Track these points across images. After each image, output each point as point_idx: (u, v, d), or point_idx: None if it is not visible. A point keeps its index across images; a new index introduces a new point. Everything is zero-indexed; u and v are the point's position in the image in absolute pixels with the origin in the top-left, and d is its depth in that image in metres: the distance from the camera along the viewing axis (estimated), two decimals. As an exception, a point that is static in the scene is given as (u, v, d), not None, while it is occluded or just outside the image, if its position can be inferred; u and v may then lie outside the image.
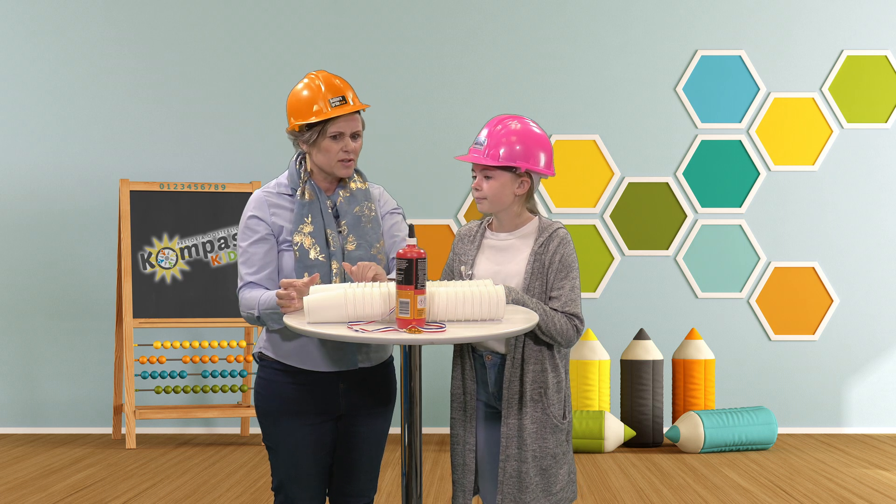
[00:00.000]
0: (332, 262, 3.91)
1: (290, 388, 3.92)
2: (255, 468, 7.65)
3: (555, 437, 3.94)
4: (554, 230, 3.98)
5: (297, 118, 3.91)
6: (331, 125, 3.88)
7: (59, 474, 7.46)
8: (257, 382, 3.99)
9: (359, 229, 3.96)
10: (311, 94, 3.90)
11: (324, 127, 3.88)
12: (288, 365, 3.93)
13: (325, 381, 3.93)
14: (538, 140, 3.98)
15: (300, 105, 3.90)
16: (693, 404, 8.54)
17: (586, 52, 9.22)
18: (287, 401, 3.92)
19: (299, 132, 3.92)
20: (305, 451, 3.93)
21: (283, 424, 3.92)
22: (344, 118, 3.89)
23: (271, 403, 3.94)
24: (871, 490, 6.96)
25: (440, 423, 8.96)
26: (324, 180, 3.98)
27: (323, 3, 9.22)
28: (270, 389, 3.94)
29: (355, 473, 4.03)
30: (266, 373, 3.97)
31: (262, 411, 3.97)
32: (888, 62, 9.21)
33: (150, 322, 8.58)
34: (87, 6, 9.19)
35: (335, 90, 3.90)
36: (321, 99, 3.88)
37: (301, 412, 3.91)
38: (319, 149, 3.91)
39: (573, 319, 3.92)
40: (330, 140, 3.90)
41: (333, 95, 3.89)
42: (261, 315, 3.86)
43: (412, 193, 9.07)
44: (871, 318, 9.20)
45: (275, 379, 3.93)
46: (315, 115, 3.87)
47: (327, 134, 3.89)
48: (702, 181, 9.22)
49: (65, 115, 9.18)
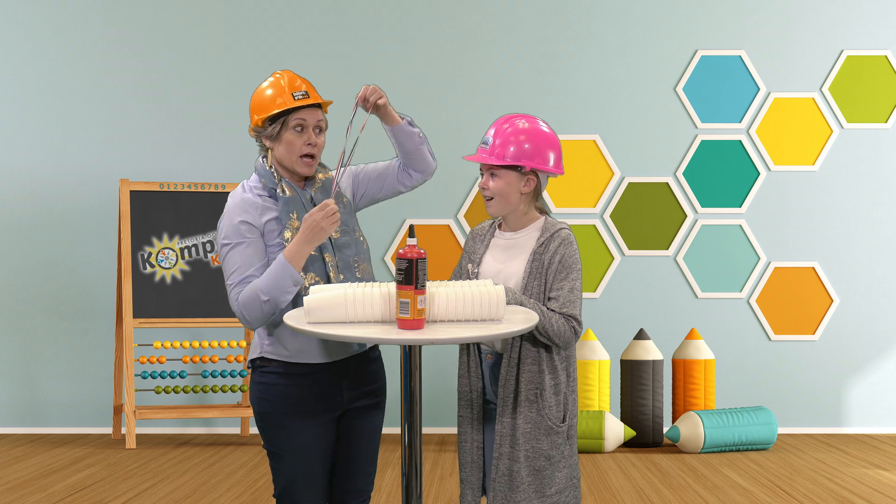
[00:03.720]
0: (325, 254, 3.90)
1: (292, 389, 3.89)
2: (255, 468, 7.65)
3: (549, 439, 3.92)
4: (556, 230, 3.97)
5: (259, 113, 3.91)
6: (293, 116, 3.88)
7: (59, 474, 7.46)
8: (257, 388, 3.93)
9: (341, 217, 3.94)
10: (274, 90, 3.91)
11: (286, 118, 3.88)
12: (291, 364, 3.90)
13: (328, 379, 3.92)
14: (547, 139, 3.98)
15: (263, 101, 3.91)
16: (693, 404, 8.54)
17: (586, 52, 9.22)
18: (291, 402, 3.89)
19: (262, 127, 3.92)
20: (312, 451, 3.91)
21: (288, 426, 3.90)
22: (307, 109, 3.89)
23: (275, 406, 3.90)
24: (871, 490, 6.96)
25: (440, 423, 8.97)
26: (291, 177, 3.97)
27: (323, 3, 9.22)
28: (273, 392, 3.90)
29: (356, 471, 4.02)
30: (266, 377, 3.92)
31: (265, 416, 3.92)
32: (888, 62, 9.22)
33: (150, 322, 8.58)
34: (87, 6, 9.19)
35: (297, 86, 3.91)
36: (284, 93, 3.89)
37: (306, 412, 3.90)
38: (282, 142, 3.90)
39: (571, 321, 3.90)
40: (293, 132, 3.89)
41: (295, 90, 3.90)
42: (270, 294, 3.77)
43: (412, 193, 9.07)
44: (871, 318, 9.20)
45: (276, 382, 3.90)
46: (278, 108, 3.88)
47: (290, 125, 3.89)
48: (702, 181, 9.22)
49: (65, 115, 9.19)
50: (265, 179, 3.93)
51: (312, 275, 3.86)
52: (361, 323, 3.66)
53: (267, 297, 3.77)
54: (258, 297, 3.78)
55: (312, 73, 8.99)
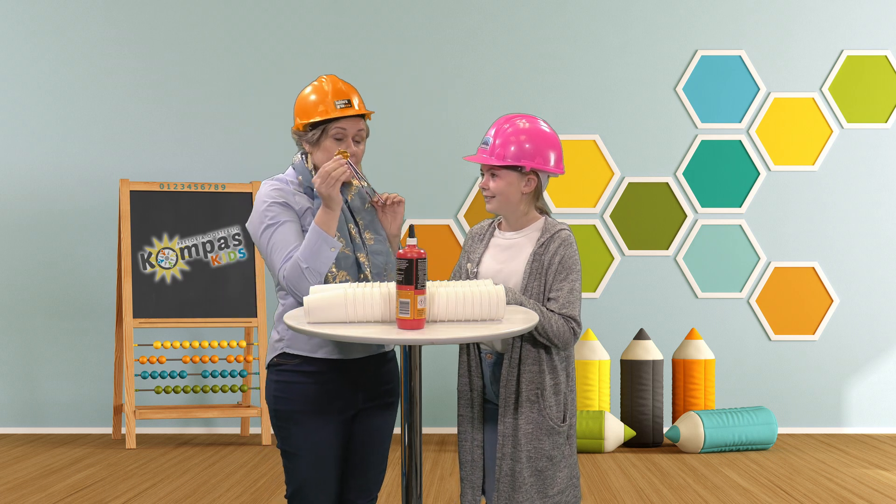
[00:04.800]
0: (359, 255, 3.95)
1: (312, 387, 3.91)
2: (255, 468, 7.65)
3: (551, 439, 3.92)
4: (557, 231, 3.97)
5: (301, 118, 3.98)
6: (334, 125, 3.93)
7: (59, 474, 7.46)
8: (275, 387, 3.95)
9: (374, 224, 4.02)
10: (317, 96, 3.97)
11: (326, 127, 3.93)
12: (311, 359, 3.91)
13: (345, 377, 3.93)
14: (548, 139, 3.98)
15: (306, 106, 3.97)
16: (693, 404, 8.54)
17: (586, 52, 9.22)
18: (309, 400, 3.90)
19: (303, 132, 3.97)
20: (327, 450, 3.92)
21: (306, 424, 3.91)
22: (348, 119, 3.95)
23: (293, 405, 3.91)
24: (871, 490, 6.96)
25: (440, 423, 8.97)
26: None
27: (323, 3, 9.22)
28: (291, 391, 3.92)
29: (367, 470, 4.04)
30: (285, 376, 3.93)
31: (282, 414, 3.93)
32: (888, 62, 9.22)
33: (150, 322, 8.58)
34: (87, 6, 9.19)
35: (340, 94, 3.96)
36: (327, 100, 3.94)
37: (322, 410, 3.91)
38: (321, 148, 3.96)
39: (570, 322, 3.90)
40: (332, 140, 3.94)
41: (339, 98, 3.95)
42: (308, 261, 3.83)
43: (412, 193, 9.07)
44: (871, 318, 9.20)
45: (294, 380, 3.92)
46: (319, 115, 3.93)
47: (329, 134, 3.94)
48: (702, 181, 9.23)
49: (65, 115, 9.19)
50: (303, 177, 4.00)
51: (344, 273, 3.89)
52: (361, 323, 3.66)
53: (306, 264, 3.84)
54: (298, 266, 3.84)
55: (312, 73, 9.02)
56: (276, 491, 6.89)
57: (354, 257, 3.95)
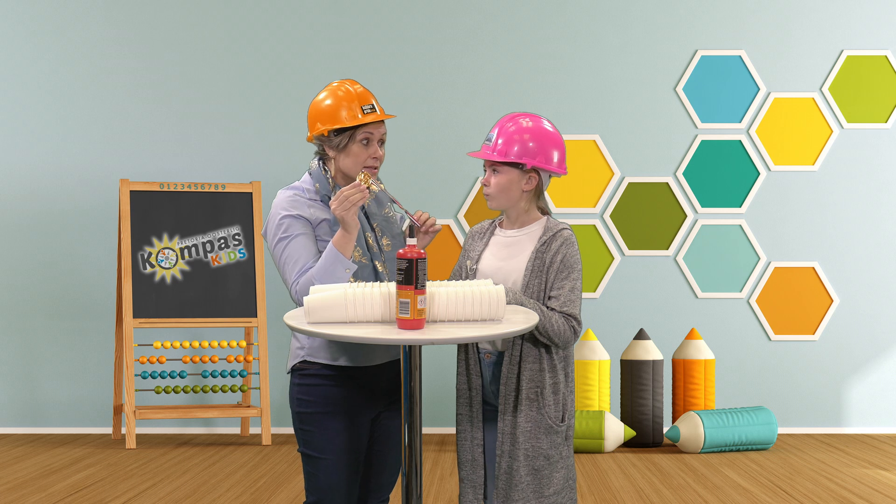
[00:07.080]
0: (376, 263, 3.97)
1: (334, 390, 3.92)
2: (255, 468, 7.65)
3: (549, 438, 3.92)
4: (558, 230, 3.98)
5: (324, 123, 3.96)
6: (361, 130, 3.95)
7: (59, 474, 7.46)
8: (297, 390, 3.96)
9: (390, 229, 4.06)
10: (338, 100, 3.97)
11: (353, 132, 3.94)
12: (334, 366, 3.92)
13: (368, 381, 3.95)
14: (551, 138, 3.98)
15: (328, 111, 3.96)
16: (693, 404, 8.54)
17: (586, 52, 9.22)
18: (333, 402, 3.92)
19: (327, 137, 3.96)
20: (351, 451, 3.94)
21: (329, 426, 3.92)
22: (374, 124, 3.97)
23: (317, 407, 3.92)
24: (871, 490, 6.96)
25: (440, 423, 8.97)
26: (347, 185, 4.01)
27: (323, 3, 9.22)
28: (315, 394, 3.93)
29: (383, 472, 4.07)
30: (307, 379, 3.95)
31: (306, 418, 3.94)
32: (888, 62, 9.22)
33: (150, 322, 8.58)
34: (87, 6, 9.19)
35: (364, 98, 3.98)
36: (351, 105, 3.95)
37: (345, 413, 3.92)
38: (348, 154, 3.97)
39: (570, 320, 3.91)
40: (359, 145, 3.96)
41: (364, 103, 3.97)
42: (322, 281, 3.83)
43: (413, 193, 9.07)
44: (871, 318, 9.20)
45: (318, 383, 3.93)
46: (346, 121, 3.93)
47: (357, 139, 3.95)
48: (702, 181, 9.23)
49: (65, 115, 9.19)
50: (319, 184, 4.00)
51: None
52: (361, 323, 3.66)
53: (319, 283, 3.84)
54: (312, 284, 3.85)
55: (312, 73, 9.02)
56: (277, 491, 6.89)
57: (372, 265, 3.98)
